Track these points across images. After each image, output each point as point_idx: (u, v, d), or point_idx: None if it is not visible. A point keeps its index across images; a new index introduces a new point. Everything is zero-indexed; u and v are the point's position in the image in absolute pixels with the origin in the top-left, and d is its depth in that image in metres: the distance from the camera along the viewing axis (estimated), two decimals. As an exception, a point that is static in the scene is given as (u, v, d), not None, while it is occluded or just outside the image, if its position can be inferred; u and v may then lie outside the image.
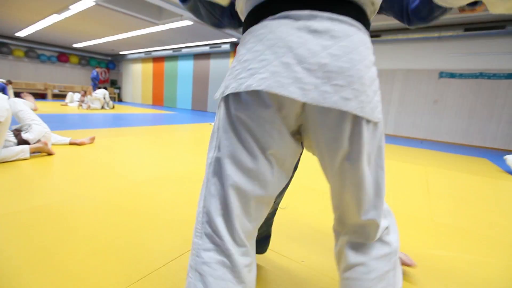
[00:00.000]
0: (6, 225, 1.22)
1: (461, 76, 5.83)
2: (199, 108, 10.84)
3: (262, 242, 1.00)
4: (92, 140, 3.02)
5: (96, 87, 10.22)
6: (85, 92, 8.10)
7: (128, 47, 11.41)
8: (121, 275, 0.95)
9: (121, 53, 13.09)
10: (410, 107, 6.51)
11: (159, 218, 1.40)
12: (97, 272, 0.95)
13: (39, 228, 1.22)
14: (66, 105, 8.30)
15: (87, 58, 13.41)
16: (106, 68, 14.30)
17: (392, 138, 6.09)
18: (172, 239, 1.20)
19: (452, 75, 5.93)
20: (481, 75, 5.63)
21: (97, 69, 10.63)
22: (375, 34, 6.39)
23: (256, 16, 0.56)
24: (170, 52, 10.97)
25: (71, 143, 2.89)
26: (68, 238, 1.15)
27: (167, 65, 11.92)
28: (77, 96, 8.57)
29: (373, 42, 6.72)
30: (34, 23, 8.11)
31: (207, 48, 9.64)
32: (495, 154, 4.75)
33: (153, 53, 11.73)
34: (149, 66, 12.73)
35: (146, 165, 2.36)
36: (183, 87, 11.39)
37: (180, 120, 6.56)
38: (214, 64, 10.09)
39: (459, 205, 1.98)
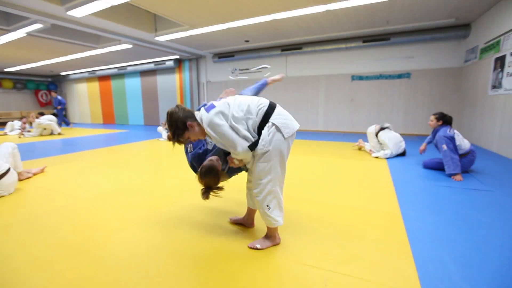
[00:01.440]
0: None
1: (367, 78, 7.15)
2: (151, 123, 11.07)
3: None
4: (42, 170, 3.37)
5: (62, 111, 9.93)
6: (26, 119, 7.89)
7: (69, 68, 11.16)
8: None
9: (62, 73, 12.66)
10: (334, 106, 7.71)
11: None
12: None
13: None
14: (5, 134, 7.98)
15: (23, 81, 12.69)
16: (48, 90, 13.64)
17: (323, 134, 7.20)
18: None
19: (360, 78, 7.23)
20: (381, 76, 7.00)
21: (53, 94, 10.16)
22: (297, 47, 7.47)
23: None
24: (116, 70, 11.04)
25: (20, 180, 2.98)
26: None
27: (114, 83, 11.89)
28: (17, 123, 8.27)
29: (297, 54, 7.81)
30: (-43, 52, 7.71)
31: (152, 66, 9.98)
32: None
33: (98, 72, 11.64)
34: (95, 85, 12.53)
35: (92, 185, 2.86)
36: (133, 103, 11.50)
37: (132, 138, 6.88)
38: (161, 79, 10.45)
39: (322, 183, 2.86)
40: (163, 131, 6.60)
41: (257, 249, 1.52)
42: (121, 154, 4.72)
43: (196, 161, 1.73)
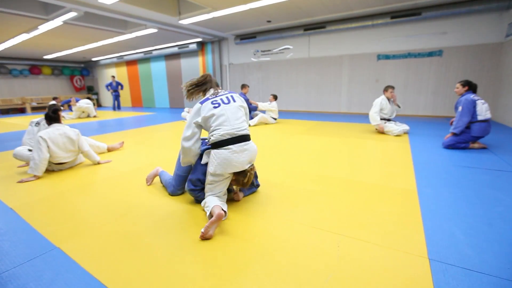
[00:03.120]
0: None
1: (394, 57, 6.83)
2: (176, 106, 11.50)
3: None
4: (121, 144, 3.84)
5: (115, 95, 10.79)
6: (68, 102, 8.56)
7: (99, 53, 11.74)
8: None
9: (93, 59, 13.34)
10: (357, 87, 7.51)
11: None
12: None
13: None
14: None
15: (60, 67, 13.58)
16: (81, 75, 14.51)
17: (345, 116, 7.11)
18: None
19: (387, 57, 6.92)
20: (409, 55, 6.66)
21: (112, 78, 10.77)
22: (320, 26, 7.25)
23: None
24: (142, 55, 11.44)
25: (109, 150, 3.66)
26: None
27: (140, 67, 12.36)
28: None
29: (320, 33, 7.59)
30: (2, 42, 8.42)
31: (176, 49, 10.21)
32: (422, 121, 5.85)
33: (125, 57, 12.13)
34: (123, 69, 13.10)
35: (130, 160, 3.19)
36: (159, 87, 11.95)
37: (159, 120, 7.29)
38: (184, 63, 10.70)
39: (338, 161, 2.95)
40: (187, 114, 6.92)
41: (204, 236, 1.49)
42: (151, 134, 5.08)
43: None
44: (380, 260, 1.27)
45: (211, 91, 1.86)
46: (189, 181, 1.89)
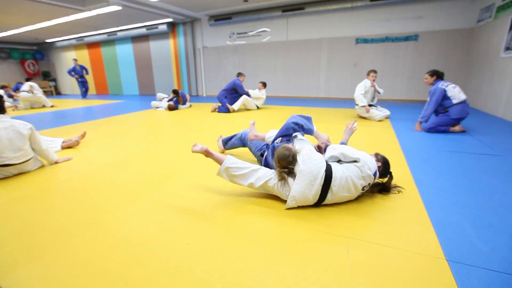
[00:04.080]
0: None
1: (372, 41, 6.80)
2: (147, 93, 10.73)
3: None
4: (81, 137, 3.30)
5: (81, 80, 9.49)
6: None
7: (55, 34, 10.46)
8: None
9: (48, 41, 11.90)
10: (336, 71, 7.44)
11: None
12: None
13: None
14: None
15: (7, 50, 11.95)
16: (34, 59, 12.95)
17: (324, 101, 7.04)
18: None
19: (365, 41, 6.87)
20: (387, 39, 6.66)
21: (74, 61, 9.35)
22: (299, 7, 6.97)
23: None
24: (105, 36, 10.38)
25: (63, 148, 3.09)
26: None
27: (104, 50, 11.26)
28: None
29: (298, 15, 7.32)
30: None
31: (144, 30, 9.37)
32: (399, 105, 5.94)
33: (86, 39, 10.95)
34: (84, 53, 11.87)
35: (95, 157, 2.79)
36: (127, 72, 11.02)
37: (129, 109, 6.69)
38: (154, 45, 9.89)
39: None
40: (161, 101, 6.39)
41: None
42: (120, 125, 4.60)
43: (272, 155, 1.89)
44: (396, 265, 1.13)
45: None
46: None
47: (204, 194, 1.84)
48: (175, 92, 6.22)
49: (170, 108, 6.03)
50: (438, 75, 3.66)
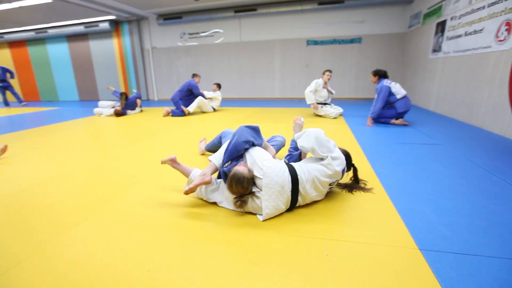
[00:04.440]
0: None
1: (322, 42, 7.16)
2: (89, 98, 9.65)
3: None
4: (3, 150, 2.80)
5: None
6: None
7: (-37, 30, 8.75)
8: None
9: (-45, 38, 9.90)
10: (289, 72, 7.65)
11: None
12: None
13: None
14: None
15: None
16: None
17: (280, 101, 7.16)
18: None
19: (315, 42, 7.21)
20: (334, 41, 7.07)
21: None
22: (251, 8, 6.99)
23: None
24: (33, 34, 9.04)
25: None
26: None
27: (32, 50, 9.80)
28: None
29: (251, 16, 7.34)
30: None
31: (81, 28, 8.41)
32: (348, 103, 6.33)
33: (7, 36, 9.39)
34: (5, 52, 10.17)
35: (28, 172, 2.33)
36: (62, 75, 9.75)
37: (67, 116, 5.88)
38: (95, 45, 8.95)
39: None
40: (106, 107, 5.76)
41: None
42: (55, 135, 3.98)
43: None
44: (374, 261, 1.11)
45: None
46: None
47: (162, 209, 1.63)
48: (122, 95, 5.67)
49: (117, 114, 5.47)
50: (380, 75, 4.03)
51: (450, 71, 4.44)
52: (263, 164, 1.43)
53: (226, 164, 1.59)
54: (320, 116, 4.74)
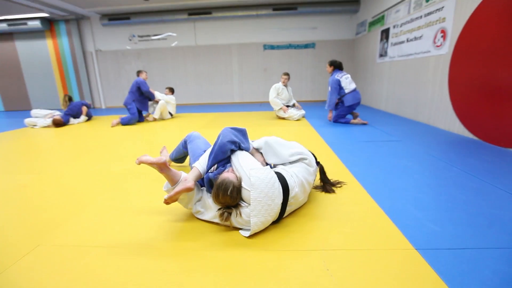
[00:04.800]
0: None
1: (278, 47, 7.30)
2: (17, 108, 8.27)
3: None
4: None
5: None
6: None
7: None
8: None
9: None
10: (248, 76, 7.61)
11: None
12: None
13: None
14: None
15: None
16: None
17: (240, 106, 7.06)
18: None
19: (272, 47, 7.31)
20: (290, 46, 7.26)
21: None
22: (206, 11, 6.79)
23: None
24: None
25: None
26: None
27: None
28: None
29: (206, 19, 7.14)
30: None
31: (4, 26, 7.19)
32: (307, 105, 6.51)
33: None
34: None
35: None
36: (-20, 81, 8.19)
37: (-14, 130, 4.87)
38: (23, 47, 7.73)
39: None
40: (42, 117, 4.94)
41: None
42: (-26, 152, 3.22)
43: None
44: (376, 269, 1.03)
45: None
46: None
47: (120, 235, 1.35)
48: (65, 96, 5.00)
49: (57, 124, 4.73)
50: (335, 65, 4.23)
51: (396, 74, 4.85)
52: (251, 173, 1.24)
53: (212, 169, 1.38)
54: (283, 118, 4.75)
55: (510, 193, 1.64)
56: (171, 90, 5.51)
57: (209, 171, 1.38)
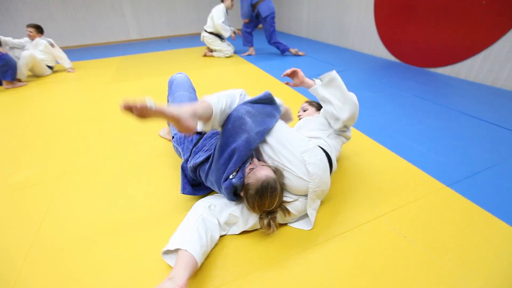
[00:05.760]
0: None
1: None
2: None
3: None
4: None
5: None
6: None
7: None
8: None
9: None
10: (143, 5, 5.98)
11: None
12: None
13: None
14: None
15: None
16: None
17: (141, 44, 5.68)
18: None
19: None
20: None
21: None
22: None
23: None
24: None
25: None
26: None
27: None
28: None
29: None
30: None
31: None
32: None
33: None
34: None
35: None
36: None
37: None
38: None
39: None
40: None
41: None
42: None
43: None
44: (434, 214, 1.07)
45: None
46: None
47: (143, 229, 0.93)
48: None
49: None
50: None
51: (317, -4, 4.70)
52: (305, 159, 0.96)
53: (232, 174, 0.96)
54: (211, 56, 4.10)
55: (463, 112, 1.94)
56: (38, 29, 3.70)
57: (230, 176, 0.97)
